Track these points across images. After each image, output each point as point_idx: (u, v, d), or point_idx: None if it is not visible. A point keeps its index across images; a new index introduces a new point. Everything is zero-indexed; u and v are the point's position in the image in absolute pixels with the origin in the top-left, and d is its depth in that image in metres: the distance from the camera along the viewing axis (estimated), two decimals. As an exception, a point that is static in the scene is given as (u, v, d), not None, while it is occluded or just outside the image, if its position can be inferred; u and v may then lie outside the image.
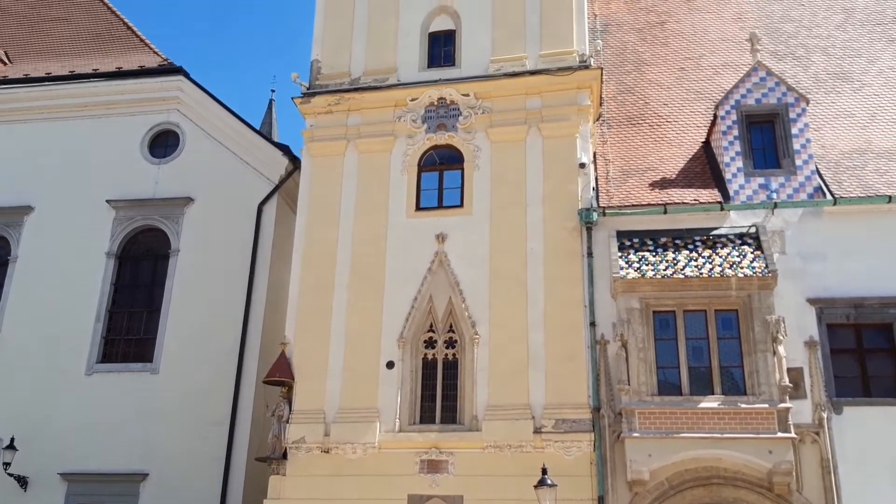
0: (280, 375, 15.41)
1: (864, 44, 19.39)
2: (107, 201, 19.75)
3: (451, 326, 15.39)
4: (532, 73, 16.65)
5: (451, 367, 15.19)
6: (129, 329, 19.01)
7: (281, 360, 15.57)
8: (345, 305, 15.78)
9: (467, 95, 16.73)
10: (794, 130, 15.69)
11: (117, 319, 19.15)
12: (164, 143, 20.38)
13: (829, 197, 15.04)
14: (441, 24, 17.80)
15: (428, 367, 15.28)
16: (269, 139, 21.25)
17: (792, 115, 15.81)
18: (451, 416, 14.89)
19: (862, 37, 19.64)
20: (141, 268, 19.60)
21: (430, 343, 15.38)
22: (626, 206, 15.47)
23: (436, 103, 16.90)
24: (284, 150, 19.57)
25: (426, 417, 14.97)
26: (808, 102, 16.02)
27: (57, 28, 23.22)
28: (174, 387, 17.85)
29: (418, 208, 16.30)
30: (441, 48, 17.64)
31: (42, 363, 18.51)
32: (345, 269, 16.06)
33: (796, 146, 15.58)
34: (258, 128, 24.99)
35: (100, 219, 19.68)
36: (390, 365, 15.16)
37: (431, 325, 15.45)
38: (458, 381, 15.03)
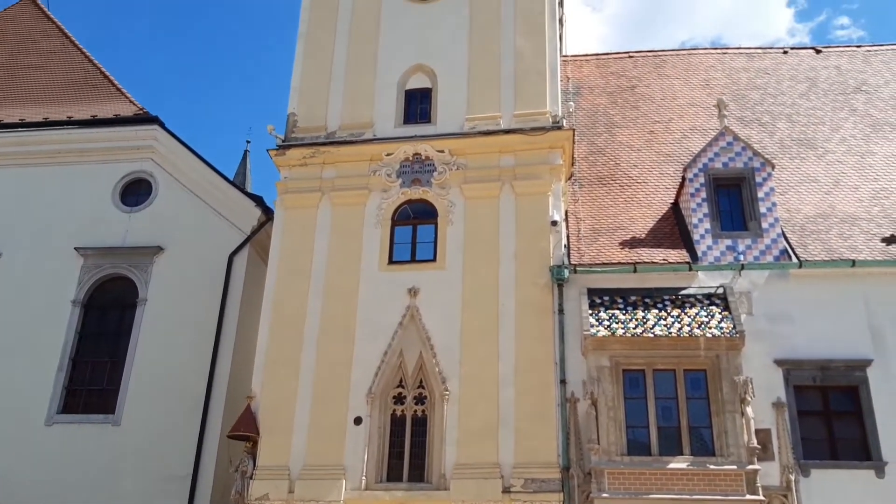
0: (245, 430, 15.12)
1: (827, 112, 20.04)
2: (75, 249, 19.52)
3: (420, 382, 15.27)
4: (506, 131, 16.93)
5: (420, 424, 15.01)
6: (92, 379, 18.61)
7: (246, 414, 15.30)
8: (314, 359, 15.62)
9: (442, 152, 16.94)
10: (761, 194, 16.05)
11: (80, 369, 18.75)
12: (136, 192, 20.28)
13: (794, 260, 15.33)
14: (417, 82, 18.11)
15: (396, 423, 15.10)
16: (242, 190, 21.27)
17: (758, 179, 16.19)
18: (418, 474, 14.66)
19: (825, 105, 20.30)
20: (107, 317, 19.28)
21: (400, 399, 15.23)
22: (596, 264, 15.63)
23: (411, 158, 17.08)
24: (257, 200, 19.56)
25: (393, 475, 14.72)
26: (773, 167, 16.44)
27: (33, 75, 23.20)
28: (136, 439, 17.42)
29: (391, 262, 16.31)
30: (417, 105, 17.91)
31: (0, 412, 17.99)
32: (315, 321, 15.94)
33: (762, 209, 15.92)
34: (232, 178, 24.98)
35: (67, 266, 19.41)
36: (358, 421, 14.95)
37: (401, 381, 15.32)
38: (426, 439, 14.84)
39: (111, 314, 19.28)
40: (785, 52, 22.63)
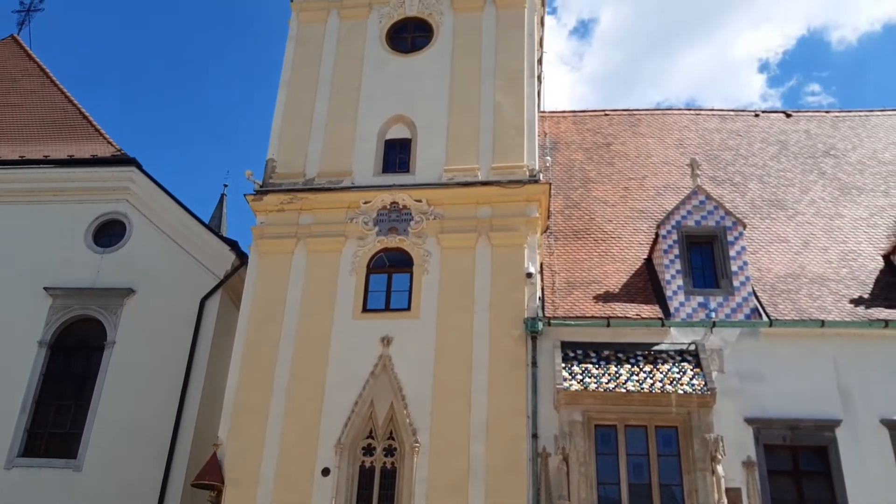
0: (210, 479, 14.80)
1: (797, 174, 20.50)
2: (44, 289, 19.24)
3: (391, 433, 15.08)
4: (484, 183, 17.10)
5: (389, 477, 14.78)
6: (56, 422, 18.19)
7: (212, 462, 14.99)
8: (283, 407, 15.40)
9: (420, 201, 17.05)
10: (732, 253, 16.29)
11: (44, 411, 18.32)
12: (109, 233, 20.11)
13: (765, 318, 15.49)
14: (397, 132, 18.31)
15: (365, 475, 14.85)
16: (217, 233, 21.13)
17: (730, 238, 16.44)
18: (386, 527, 14.39)
19: (795, 168, 20.78)
20: (73, 359, 18.93)
21: (369, 450, 15.01)
22: (570, 317, 15.68)
23: (388, 207, 17.16)
24: (232, 245, 19.47)
25: (361, 528, 14.44)
26: (744, 227, 16.72)
27: (12, 114, 23.10)
28: (98, 485, 16.98)
29: (365, 310, 16.24)
30: (396, 154, 18.07)
31: (-42, 454, 17.51)
32: (285, 368, 15.77)
33: (734, 268, 16.13)
34: (208, 222, 24.88)
35: (36, 306, 19.10)
36: (326, 472, 14.70)
37: (371, 432, 15.12)
38: (395, 492, 14.61)
39: (78, 356, 18.93)
40: (756, 116, 23.22)
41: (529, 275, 16.04)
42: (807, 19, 65.41)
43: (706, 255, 16.55)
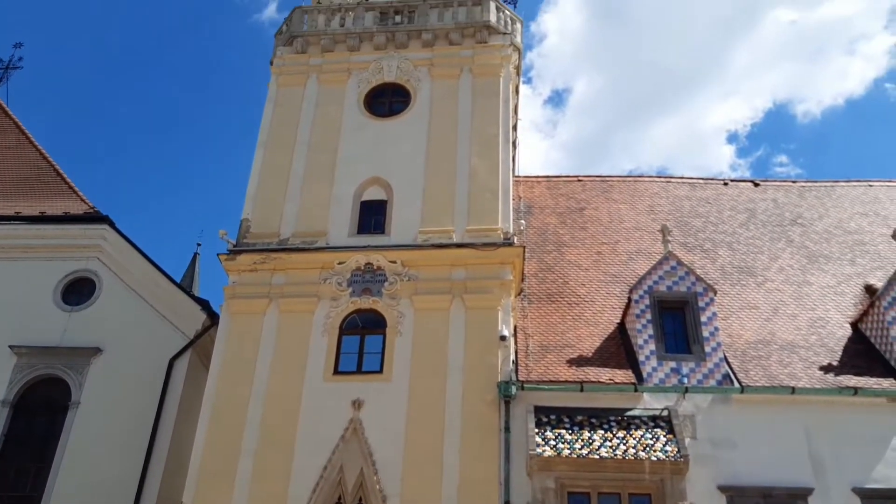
0: (173, 545, 14.32)
1: (765, 242, 20.86)
2: (10, 347, 18.82)
3: (360, 500, 14.74)
4: (458, 245, 17.20)
5: (358, 544, 14.41)
6: (16, 484, 17.64)
7: (175, 529, 14.53)
8: (250, 471, 15.03)
9: (394, 262, 17.07)
10: (703, 318, 16.42)
11: (4, 473, 17.75)
12: (78, 291, 19.84)
13: (736, 385, 15.55)
14: (373, 193, 18.45)
15: (333, 542, 14.47)
16: (188, 293, 20.97)
17: (701, 304, 16.60)
18: None
19: (763, 235, 21.16)
20: (37, 419, 18.42)
21: (338, 516, 14.66)
22: (544, 381, 15.61)
23: (363, 268, 17.15)
24: (203, 304, 19.28)
25: None
26: (715, 293, 16.90)
27: (-16, 170, 22.97)
28: (53, 553, 16.33)
29: (336, 372, 16.07)
30: (372, 216, 18.18)
31: None
32: (254, 431, 15.45)
33: (705, 333, 16.24)
34: (180, 280, 24.69)
35: (0, 365, 18.65)
36: (293, 539, 14.29)
37: (340, 498, 14.76)
38: (364, 560, 14.23)
39: (41, 416, 18.43)
40: (725, 184, 23.72)
41: (503, 338, 16.01)
42: (772, 94, 67.65)
43: (678, 321, 16.66)
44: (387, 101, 19.97)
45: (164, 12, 63.40)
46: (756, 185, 23.68)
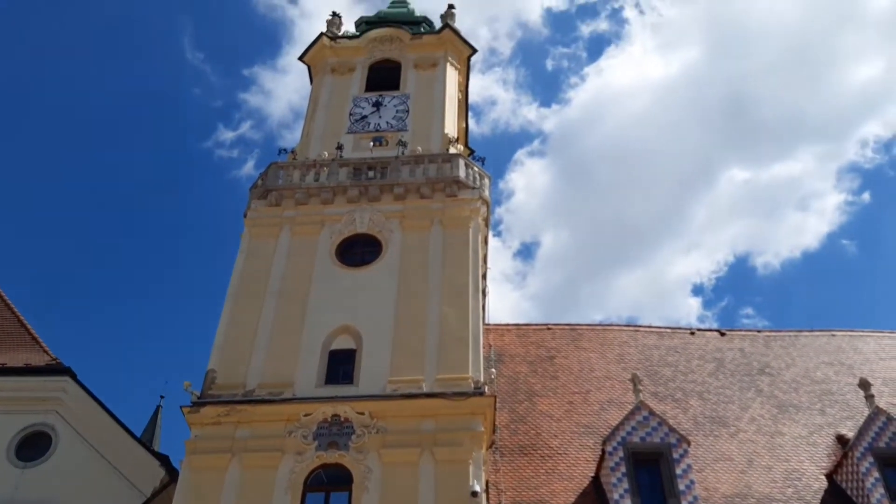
0: None
1: (735, 392, 20.87)
2: (-46, 506, 17.80)
3: None
4: (428, 395, 16.93)
5: None
6: None
7: None
8: None
9: (363, 414, 16.68)
10: (678, 471, 16.13)
11: None
12: (34, 445, 19.02)
13: (716, 541, 15.06)
14: (343, 343, 18.30)
15: None
16: (148, 448, 20.22)
17: (675, 456, 16.35)
18: None
19: (733, 385, 21.20)
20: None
21: None
22: (517, 540, 14.99)
23: (329, 420, 16.70)
24: (163, 460, 18.57)
25: None
26: (689, 444, 16.70)
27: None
28: None
29: (299, 532, 15.29)
30: (340, 365, 17.93)
31: None
32: None
33: (681, 486, 15.90)
34: (140, 434, 23.85)
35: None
36: None
37: None
38: None
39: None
40: (692, 333, 23.99)
41: (475, 493, 15.44)
42: (731, 247, 69.96)
43: (654, 473, 16.38)
44: (358, 251, 20.24)
45: (144, 168, 65.11)
46: (722, 334, 23.98)
